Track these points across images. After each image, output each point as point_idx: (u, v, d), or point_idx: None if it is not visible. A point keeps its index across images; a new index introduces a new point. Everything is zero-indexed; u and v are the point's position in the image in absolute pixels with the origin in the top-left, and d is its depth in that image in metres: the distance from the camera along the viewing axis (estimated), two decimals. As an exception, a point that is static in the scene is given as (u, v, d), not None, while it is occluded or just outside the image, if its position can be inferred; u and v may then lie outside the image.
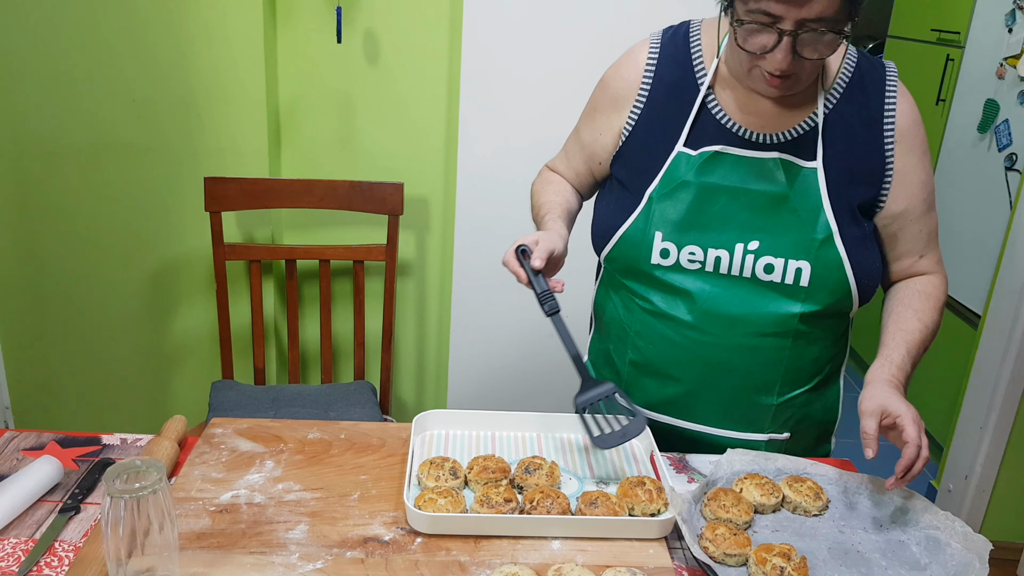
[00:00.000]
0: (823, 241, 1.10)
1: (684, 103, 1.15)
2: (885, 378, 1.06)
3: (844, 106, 1.12)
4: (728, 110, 1.14)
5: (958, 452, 2.44)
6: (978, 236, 2.60)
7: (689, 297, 1.15)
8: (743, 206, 1.12)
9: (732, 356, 1.16)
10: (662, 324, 1.18)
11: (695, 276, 1.15)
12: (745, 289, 1.14)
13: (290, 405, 1.83)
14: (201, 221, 1.92)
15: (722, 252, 1.13)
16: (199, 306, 2.09)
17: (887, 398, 1.02)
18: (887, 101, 1.13)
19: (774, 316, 1.14)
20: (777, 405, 1.19)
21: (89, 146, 1.94)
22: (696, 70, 1.15)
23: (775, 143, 1.12)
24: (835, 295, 1.13)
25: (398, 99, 2.01)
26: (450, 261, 2.09)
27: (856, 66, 1.14)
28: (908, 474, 0.99)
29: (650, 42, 1.19)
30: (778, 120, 1.13)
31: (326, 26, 1.93)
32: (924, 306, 1.15)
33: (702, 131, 1.14)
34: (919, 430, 0.99)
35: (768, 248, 1.12)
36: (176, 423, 1.16)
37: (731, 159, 1.12)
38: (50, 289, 2.05)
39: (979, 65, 2.72)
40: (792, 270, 1.11)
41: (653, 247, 1.15)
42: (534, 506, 1.00)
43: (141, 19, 1.85)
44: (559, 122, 1.93)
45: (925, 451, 0.99)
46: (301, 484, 1.07)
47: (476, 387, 2.16)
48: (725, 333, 1.15)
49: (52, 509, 1.00)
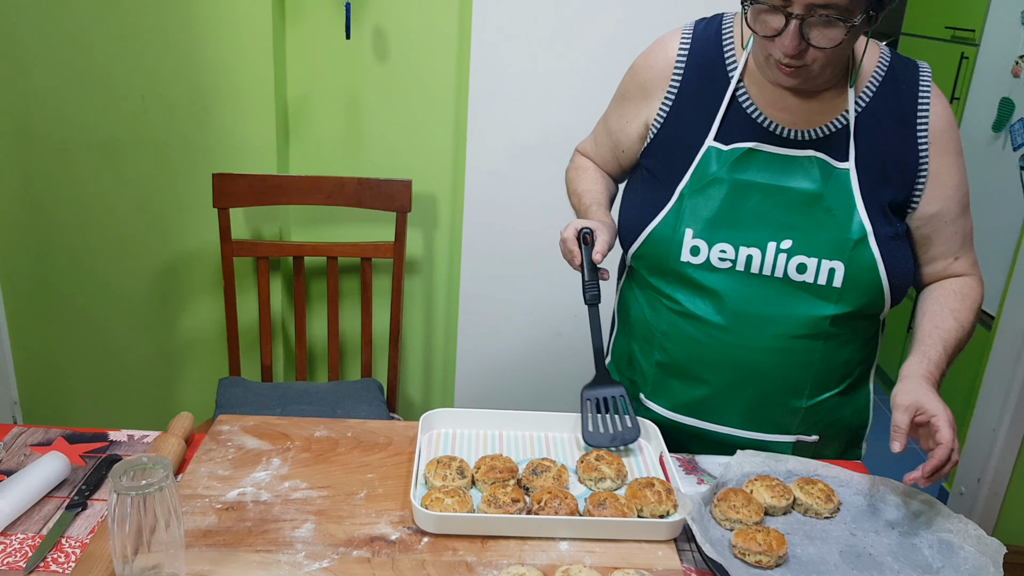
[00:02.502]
0: (857, 241, 1.09)
1: (715, 95, 1.13)
2: (922, 374, 1.04)
3: (877, 105, 1.11)
4: (759, 104, 1.12)
5: (971, 455, 2.41)
6: (992, 236, 2.57)
7: (718, 297, 1.14)
8: (776, 204, 1.10)
9: (762, 358, 1.14)
10: (690, 325, 1.16)
11: (725, 275, 1.13)
12: (776, 290, 1.12)
13: (297, 402, 1.83)
14: (209, 217, 1.92)
15: (754, 250, 1.11)
16: (207, 303, 2.09)
17: (924, 395, 1.01)
18: (920, 101, 1.11)
19: (805, 318, 1.12)
20: (806, 408, 1.18)
21: (98, 142, 1.94)
22: (727, 62, 1.14)
23: (807, 140, 1.11)
24: (867, 296, 1.11)
25: (407, 96, 2.00)
26: (458, 258, 2.09)
27: (889, 65, 1.12)
28: (936, 475, 0.98)
29: (682, 32, 1.18)
30: (809, 117, 1.11)
31: (335, 22, 1.93)
32: (961, 306, 1.13)
33: (733, 125, 1.12)
34: (953, 432, 0.98)
35: (801, 247, 1.10)
36: (183, 420, 1.15)
37: (765, 156, 1.11)
38: (59, 284, 2.05)
39: (994, 63, 2.69)
40: (825, 270, 1.10)
41: (683, 244, 1.13)
42: (542, 507, 1.00)
43: (150, 15, 1.85)
44: (568, 119, 1.93)
45: (956, 455, 0.97)
46: (308, 482, 1.06)
47: (483, 385, 2.16)
48: (755, 335, 1.13)
49: (59, 505, 1.00)
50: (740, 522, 0.99)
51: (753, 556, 0.94)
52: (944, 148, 1.12)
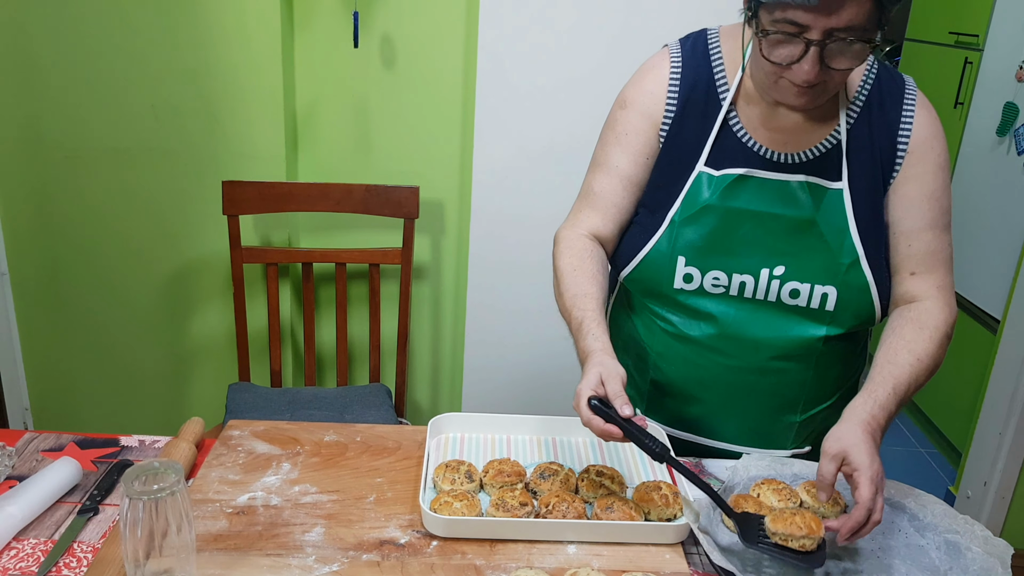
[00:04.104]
0: (849, 265, 1.08)
1: (706, 120, 1.11)
2: (862, 419, 0.97)
3: (864, 121, 1.09)
4: (750, 128, 1.10)
5: (977, 458, 2.41)
6: (997, 241, 2.57)
7: (713, 320, 1.14)
8: (769, 231, 1.09)
9: (756, 378, 1.15)
10: (684, 347, 1.16)
11: (719, 300, 1.13)
12: (770, 313, 1.12)
13: (306, 407, 1.84)
14: (219, 224, 1.93)
15: (747, 277, 1.11)
16: (216, 309, 2.10)
17: (854, 445, 0.94)
18: (904, 114, 1.09)
19: (799, 340, 1.12)
20: (800, 422, 1.18)
21: (108, 150, 1.96)
22: (719, 85, 1.11)
23: (800, 163, 1.09)
24: (859, 318, 1.11)
25: (414, 103, 2.01)
26: (465, 264, 2.10)
27: (876, 77, 1.10)
28: (855, 535, 0.92)
29: (670, 54, 1.14)
30: (801, 137, 1.09)
31: (343, 31, 1.94)
32: (916, 337, 1.06)
33: (724, 150, 1.11)
34: (874, 491, 0.91)
35: (794, 273, 1.09)
36: (193, 425, 1.16)
37: (756, 182, 1.09)
38: (69, 291, 2.07)
39: (998, 68, 2.69)
40: (818, 295, 1.09)
41: (676, 272, 1.13)
42: (550, 510, 1.00)
43: (159, 24, 1.86)
44: (575, 125, 1.94)
45: (877, 515, 0.91)
46: (317, 486, 1.07)
47: (491, 390, 2.16)
48: (749, 356, 1.14)
49: (71, 510, 1.01)
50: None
51: (797, 541, 0.93)
52: (922, 158, 1.08)
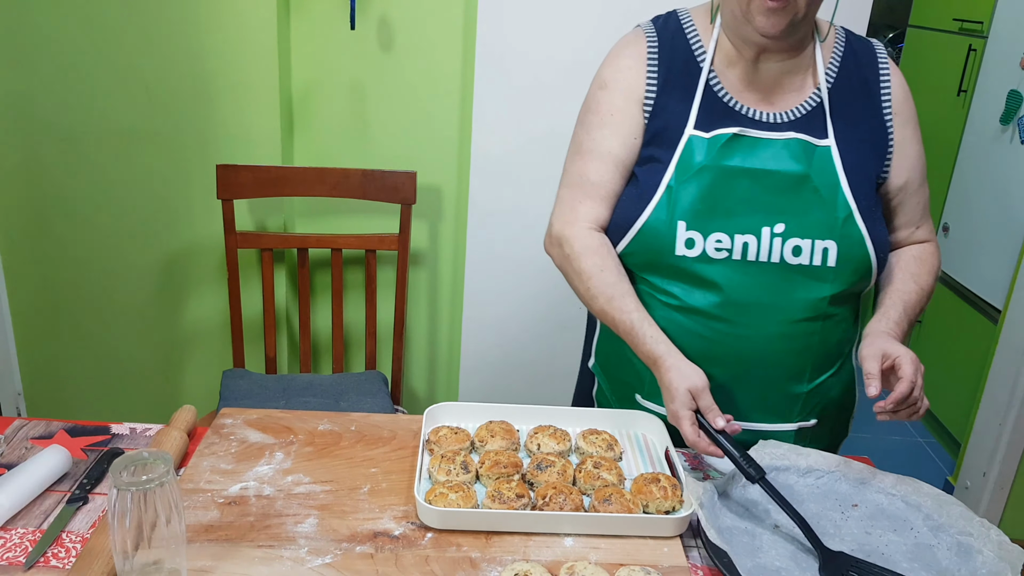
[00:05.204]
0: (845, 219, 1.10)
1: (688, 86, 1.13)
2: (883, 330, 1.10)
3: (842, 82, 1.15)
4: (733, 91, 1.13)
5: (976, 448, 2.40)
6: (999, 230, 2.55)
7: (716, 288, 1.12)
8: (765, 188, 1.10)
9: (764, 346, 1.14)
10: (688, 319, 1.14)
11: (722, 265, 1.12)
12: (774, 276, 1.12)
13: (301, 395, 1.82)
14: (213, 209, 1.91)
15: (749, 237, 1.10)
16: (210, 294, 2.08)
17: (886, 343, 1.06)
18: (881, 75, 1.16)
19: (805, 301, 1.12)
20: (807, 392, 1.18)
21: (101, 133, 1.93)
22: (696, 51, 1.14)
23: (785, 122, 1.12)
24: (858, 273, 1.13)
25: (412, 86, 1.98)
26: (463, 250, 2.08)
27: (846, 41, 1.17)
28: (901, 411, 1.03)
29: (645, 31, 1.18)
30: (784, 97, 1.13)
31: (340, 13, 1.91)
32: (920, 270, 1.19)
33: (710, 114, 1.12)
34: (915, 370, 1.02)
35: (794, 230, 1.10)
36: (185, 413, 1.15)
37: (749, 141, 1.11)
38: (62, 276, 2.04)
39: (1002, 55, 2.66)
40: (819, 250, 1.10)
41: (677, 237, 1.11)
42: (547, 502, 0.99)
43: (155, 6, 1.83)
44: (575, 110, 1.91)
45: (919, 390, 1.02)
46: (311, 476, 1.05)
47: (488, 378, 2.15)
48: (757, 323, 1.13)
49: (60, 499, 0.99)
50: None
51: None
52: (905, 120, 1.16)
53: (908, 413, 1.04)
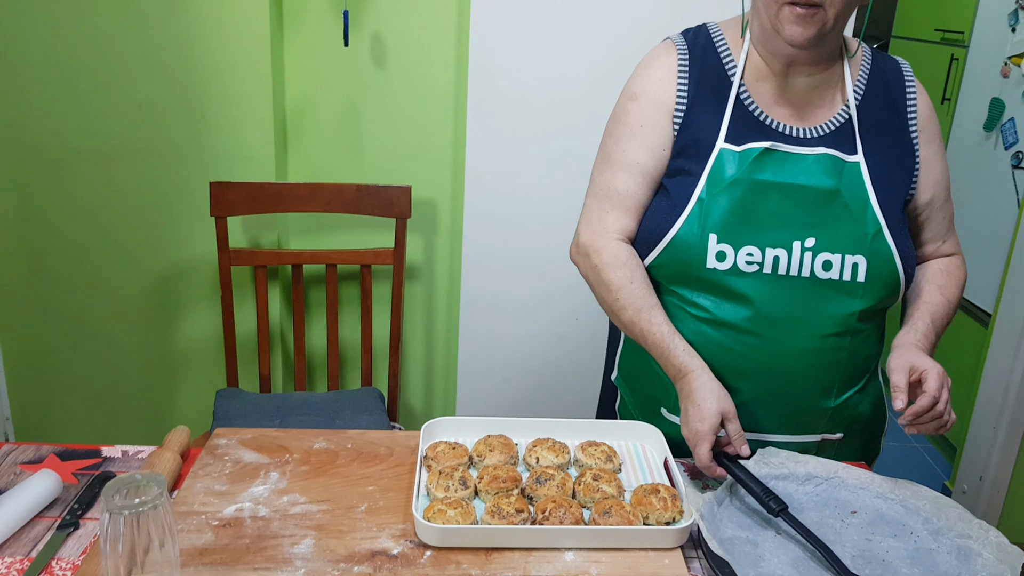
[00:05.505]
0: (874, 235, 1.10)
1: (719, 100, 1.14)
2: (912, 342, 1.10)
3: (870, 99, 1.16)
4: (763, 105, 1.14)
5: (972, 453, 2.40)
6: (987, 235, 2.57)
7: (747, 301, 1.12)
8: (796, 203, 1.10)
9: (794, 361, 1.13)
10: (718, 332, 1.13)
11: (752, 279, 1.11)
12: (804, 290, 1.11)
13: (296, 413, 1.80)
14: (206, 226, 1.90)
15: (780, 251, 1.10)
16: (203, 313, 2.07)
17: (915, 356, 1.06)
18: (908, 93, 1.17)
19: (834, 316, 1.12)
20: (834, 408, 1.17)
21: (94, 151, 1.92)
22: (726, 64, 1.15)
23: (815, 137, 1.13)
24: (887, 288, 1.13)
25: (405, 102, 1.98)
26: (458, 264, 2.07)
27: (873, 60, 1.18)
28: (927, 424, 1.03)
29: (676, 44, 1.17)
30: (813, 112, 1.14)
31: (333, 29, 1.91)
32: (947, 282, 1.20)
33: (741, 127, 1.12)
34: (940, 384, 1.02)
35: (825, 244, 1.10)
36: (179, 434, 1.13)
37: (779, 155, 1.11)
38: (53, 295, 2.03)
39: (984, 64, 2.70)
40: (849, 266, 1.11)
41: (709, 250, 1.11)
42: (546, 516, 0.98)
43: (146, 22, 1.83)
44: (568, 123, 1.92)
45: (942, 405, 1.02)
46: (307, 496, 1.04)
47: (486, 392, 2.13)
48: (786, 337, 1.12)
49: (50, 525, 0.97)
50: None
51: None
52: (930, 137, 1.18)
53: (935, 426, 1.04)
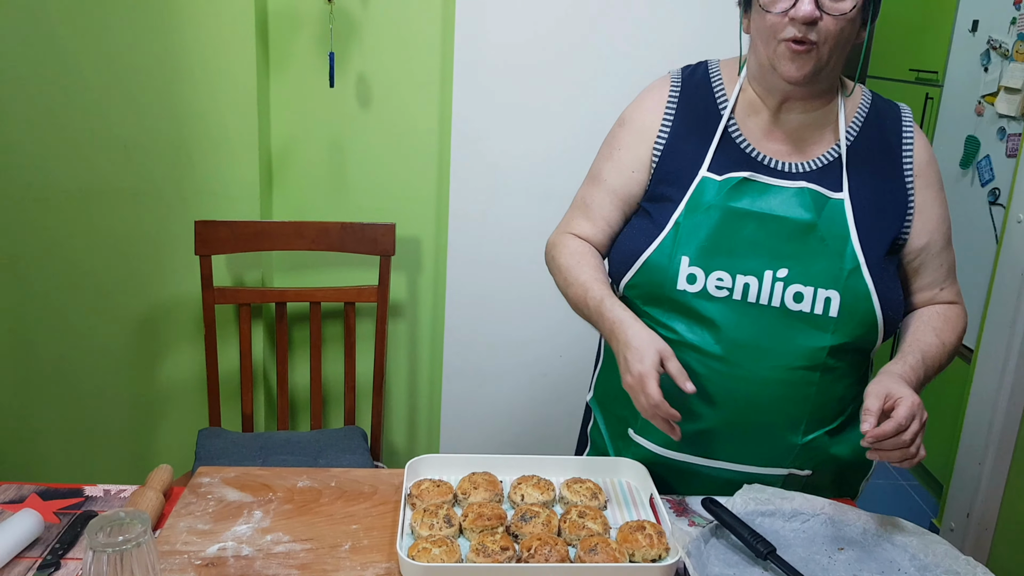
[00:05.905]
0: (851, 271, 1.11)
1: (707, 131, 1.17)
2: (896, 372, 1.07)
3: (864, 140, 1.17)
4: (751, 138, 1.16)
5: (958, 489, 2.41)
6: (967, 271, 2.59)
7: (716, 327, 1.13)
8: (771, 233, 1.12)
9: (760, 390, 1.13)
10: (687, 355, 1.14)
11: (722, 304, 1.13)
12: (774, 319, 1.12)
13: (279, 452, 1.79)
14: (191, 265, 1.90)
15: (751, 279, 1.11)
16: (186, 352, 2.06)
17: (893, 383, 1.04)
18: (904, 137, 1.18)
19: (803, 348, 1.12)
20: (801, 445, 1.16)
21: (78, 191, 1.92)
22: (718, 99, 1.18)
23: (801, 172, 1.14)
24: (863, 327, 1.13)
25: (390, 141, 2.01)
26: (442, 301, 2.08)
27: (872, 103, 1.20)
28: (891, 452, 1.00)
29: (670, 77, 1.22)
30: (802, 148, 1.16)
31: (319, 71, 1.94)
32: (943, 327, 1.18)
33: (726, 157, 1.15)
34: (910, 414, 0.99)
35: (797, 276, 1.11)
36: (161, 472, 1.12)
37: (759, 186, 1.13)
38: (34, 334, 2.01)
39: (958, 103, 2.76)
40: (821, 299, 1.11)
41: (679, 272, 1.13)
42: (532, 554, 0.97)
43: (132, 63, 1.85)
44: (551, 161, 1.95)
45: (908, 435, 0.99)
46: (291, 535, 1.03)
47: (470, 430, 2.13)
48: (753, 365, 1.13)
49: (31, 566, 0.96)
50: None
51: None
52: (928, 182, 1.18)
53: (899, 456, 1.01)
